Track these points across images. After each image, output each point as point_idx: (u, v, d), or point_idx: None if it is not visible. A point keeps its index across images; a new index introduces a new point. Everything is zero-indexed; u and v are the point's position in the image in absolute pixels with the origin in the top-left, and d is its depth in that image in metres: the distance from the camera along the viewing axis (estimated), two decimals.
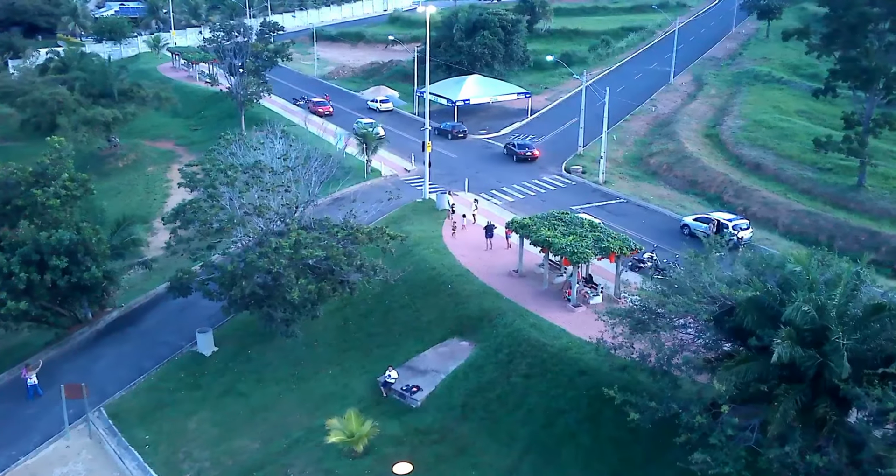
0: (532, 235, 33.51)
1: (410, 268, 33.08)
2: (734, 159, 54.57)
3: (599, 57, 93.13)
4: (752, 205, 45.69)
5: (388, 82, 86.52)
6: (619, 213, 45.39)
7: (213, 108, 76.79)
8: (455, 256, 37.97)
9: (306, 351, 33.24)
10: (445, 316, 33.18)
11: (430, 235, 40.90)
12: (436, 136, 63.30)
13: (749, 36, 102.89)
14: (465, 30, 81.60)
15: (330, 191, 49.68)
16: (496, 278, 35.35)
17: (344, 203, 45.78)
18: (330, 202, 48.18)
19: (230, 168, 29.89)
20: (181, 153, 67.66)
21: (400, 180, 52.63)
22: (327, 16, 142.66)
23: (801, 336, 21.02)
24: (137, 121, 72.27)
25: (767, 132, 57.90)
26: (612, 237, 32.72)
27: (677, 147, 56.27)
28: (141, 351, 33.65)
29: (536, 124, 67.39)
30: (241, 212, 29.38)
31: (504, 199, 48.04)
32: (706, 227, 40.30)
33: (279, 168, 31.02)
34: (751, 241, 39.88)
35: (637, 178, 52.73)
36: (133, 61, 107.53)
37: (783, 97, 70.05)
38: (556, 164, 55.43)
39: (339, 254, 29.09)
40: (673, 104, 72.55)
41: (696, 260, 24.30)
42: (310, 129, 66.89)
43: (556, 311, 32.05)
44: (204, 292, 29.68)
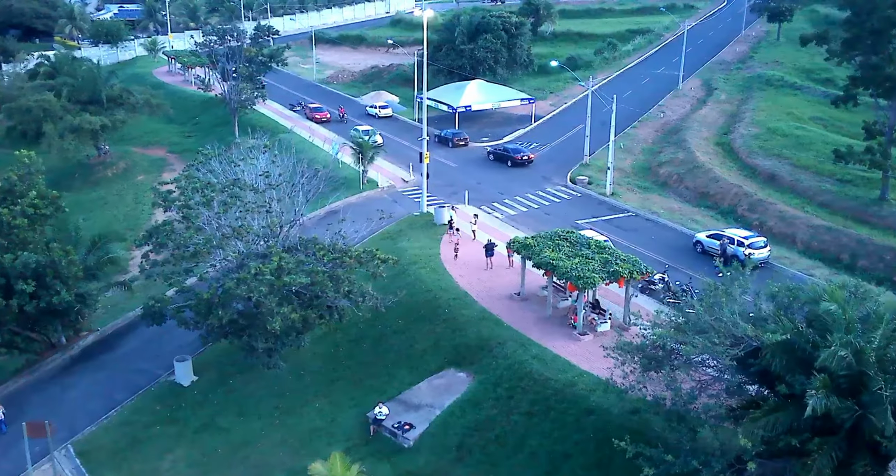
0: (535, 257, 31.14)
1: (403, 293, 30.71)
2: (747, 169, 52.10)
3: (605, 61, 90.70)
4: (769, 219, 43.21)
5: (388, 87, 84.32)
6: (628, 228, 43.00)
7: (208, 114, 74.69)
8: (453, 277, 35.63)
9: (292, 380, 30.95)
10: (441, 344, 30.83)
11: (427, 253, 38.56)
12: (436, 144, 61.08)
13: (759, 39, 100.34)
14: (467, 33, 79.29)
15: (323, 203, 47.53)
16: (496, 302, 32.99)
17: (336, 218, 43.62)
18: (323, 215, 45.98)
19: (207, 186, 27.63)
20: (173, 161, 65.52)
21: (397, 191, 50.34)
22: (328, 18, 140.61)
23: (837, 384, 18.67)
24: (129, 127, 70.25)
25: (782, 141, 55.42)
26: (621, 259, 30.33)
27: (687, 156, 53.83)
28: (115, 380, 31.42)
29: (540, 131, 65.03)
30: (219, 234, 27.11)
31: (506, 213, 45.68)
32: (717, 244, 37.89)
33: (262, 186, 28.71)
34: (768, 259, 37.42)
35: (646, 190, 50.32)
36: (129, 65, 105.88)
37: (797, 103, 67.54)
38: (561, 175, 53.06)
39: (324, 280, 26.78)
40: (682, 110, 70.10)
41: (715, 294, 21.86)
42: (303, 135, 64.92)
43: (561, 339, 29.67)
44: (179, 321, 27.41)
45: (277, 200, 28.63)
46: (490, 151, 57.04)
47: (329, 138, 63.28)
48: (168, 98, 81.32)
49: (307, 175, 32.28)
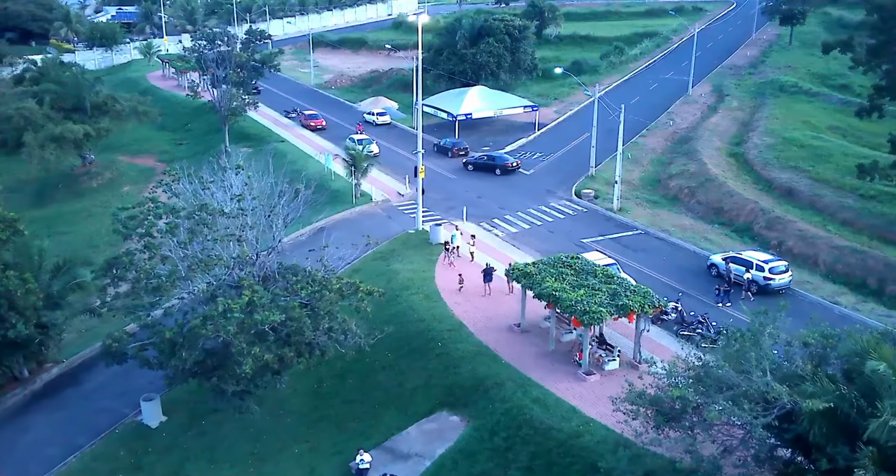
0: (536, 287, 28.39)
1: (390, 329, 27.95)
2: (763, 183, 49.25)
3: (612, 65, 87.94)
4: (788, 239, 40.37)
5: (387, 92, 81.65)
6: (636, 248, 40.19)
7: (200, 121, 72.12)
8: (448, 305, 32.88)
9: (270, 421, 28.23)
10: (433, 383, 28.09)
11: (421, 277, 35.83)
12: (434, 154, 58.41)
13: (770, 42, 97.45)
14: (468, 37, 76.60)
15: (312, 220, 44.89)
16: (494, 334, 30.23)
17: (327, 235, 40.85)
18: (312, 233, 43.35)
19: (172, 212, 24.99)
20: (161, 171, 62.95)
21: (392, 206, 47.62)
22: (329, 21, 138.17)
23: (888, 458, 15.96)
24: (118, 134, 67.76)
25: (799, 152, 52.55)
26: (630, 290, 27.55)
27: (699, 168, 50.99)
28: (77, 420, 28.76)
29: (544, 140, 62.25)
30: (186, 265, 24.45)
31: (507, 230, 42.90)
32: (738, 268, 35.03)
33: (234, 211, 26.05)
34: (790, 285, 34.57)
35: (655, 205, 47.50)
36: (123, 69, 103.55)
37: (813, 111, 64.64)
38: (565, 187, 50.26)
39: (301, 316, 24.09)
40: (692, 118, 67.26)
41: (742, 342, 19.06)
42: (296, 144, 62.30)
43: (565, 379, 26.90)
44: (141, 361, 24.76)
45: (251, 227, 25.91)
46: (470, 162, 54.44)
47: (323, 148, 60.74)
48: (160, 104, 78.98)
49: (287, 196, 29.50)
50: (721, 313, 32.37)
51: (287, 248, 34.87)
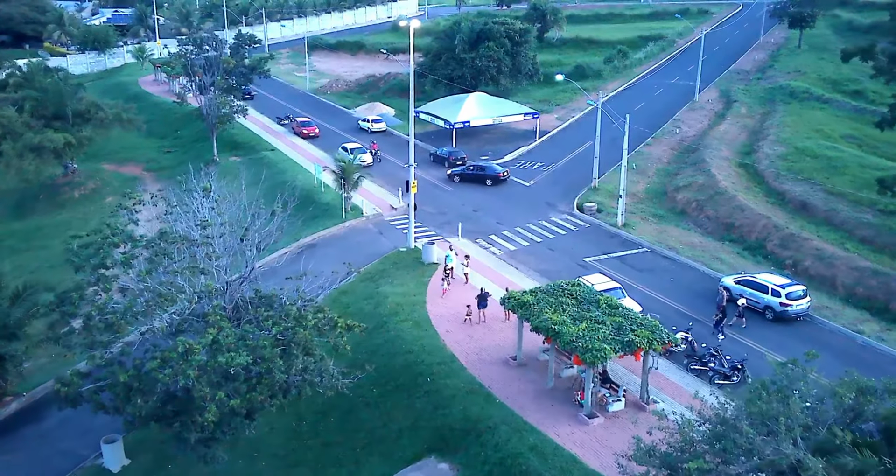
0: (533, 319, 25.96)
1: (372, 369, 25.49)
2: (775, 196, 46.71)
3: (616, 69, 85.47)
4: (804, 258, 37.84)
5: (384, 98, 79.32)
6: (642, 268, 37.72)
7: (190, 128, 69.75)
8: (439, 334, 30.44)
9: (243, 465, 25.84)
10: (421, 424, 25.66)
11: (411, 301, 33.40)
12: (430, 164, 56.06)
13: (779, 46, 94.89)
14: (468, 41, 74.15)
15: (298, 236, 42.53)
16: (488, 368, 27.80)
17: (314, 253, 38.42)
18: (298, 251, 40.95)
19: (130, 241, 22.63)
20: (147, 181, 60.66)
21: (384, 220, 45.20)
22: (328, 23, 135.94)
23: None
24: (105, 142, 65.52)
25: (812, 162, 50.02)
26: (637, 323, 25.09)
27: (708, 180, 48.49)
28: (32, 465, 26.37)
29: (545, 149, 59.81)
30: (144, 299, 22.08)
31: (504, 248, 40.45)
32: (752, 292, 32.56)
33: (200, 238, 23.66)
34: (808, 311, 32.08)
35: (662, 219, 45.01)
36: (116, 73, 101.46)
37: (825, 118, 62.08)
38: (567, 200, 47.79)
39: (272, 356, 21.66)
40: (699, 125, 64.77)
41: (769, 408, 16.52)
42: (287, 153, 59.93)
43: (565, 422, 24.46)
44: (95, 404, 22.36)
45: (218, 256, 23.46)
46: (456, 173, 51.97)
47: (315, 157, 58.39)
48: (149, 109, 76.90)
49: (263, 218, 27.08)
50: (736, 344, 29.91)
51: (271, 267, 32.55)
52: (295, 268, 38.02)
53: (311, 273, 26.08)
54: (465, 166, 52.95)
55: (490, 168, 51.84)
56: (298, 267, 38.42)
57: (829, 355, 29.17)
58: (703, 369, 27.73)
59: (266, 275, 30.35)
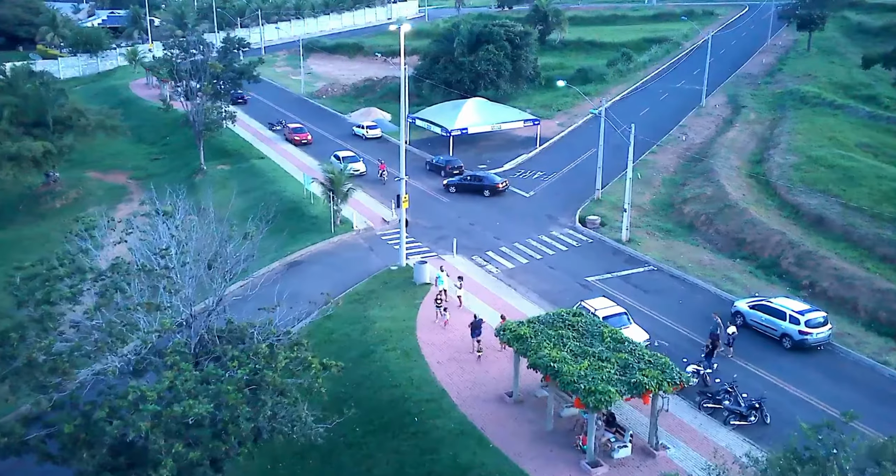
0: (531, 355, 23.59)
1: (352, 411, 23.09)
2: (788, 209, 44.27)
3: (619, 73, 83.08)
4: (822, 279, 35.41)
5: (380, 102, 76.95)
6: (649, 288, 35.30)
7: (180, 134, 67.45)
8: (429, 365, 28.11)
9: None
10: (407, 471, 23.29)
11: (401, 327, 31.05)
12: (426, 173, 53.73)
13: (787, 48, 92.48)
14: (466, 44, 71.84)
15: (284, 253, 40.24)
16: (481, 406, 25.44)
17: (300, 269, 36.16)
18: (284, 268, 38.67)
19: (77, 272, 20.30)
20: (133, 190, 58.48)
21: (375, 235, 42.83)
22: (326, 25, 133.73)
23: None
24: (91, 148, 63.39)
25: (827, 173, 47.56)
26: (646, 361, 22.72)
27: (717, 191, 46.08)
28: None
29: (546, 157, 57.41)
30: (93, 338, 19.73)
31: (502, 265, 38.05)
32: (768, 319, 30.16)
33: (159, 269, 21.31)
34: (829, 339, 29.65)
35: (668, 234, 42.59)
36: (108, 76, 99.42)
37: (838, 125, 59.58)
38: (568, 213, 45.40)
39: (237, 402, 19.31)
40: (707, 132, 62.35)
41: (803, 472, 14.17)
42: (277, 161, 57.58)
43: (565, 471, 22.10)
44: (40, 455, 19.98)
45: (174, 291, 21.08)
46: (451, 183, 49.62)
47: (307, 166, 56.07)
48: (139, 114, 74.82)
49: (235, 242, 24.66)
50: (751, 377, 27.51)
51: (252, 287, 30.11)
52: (277, 289, 35.95)
53: (286, 303, 23.65)
54: (461, 176, 50.58)
55: (488, 178, 49.50)
56: (282, 287, 36.27)
57: (853, 390, 26.88)
58: (718, 407, 25.32)
59: (241, 300, 28.05)
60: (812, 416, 25.28)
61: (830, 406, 25.72)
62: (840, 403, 25.84)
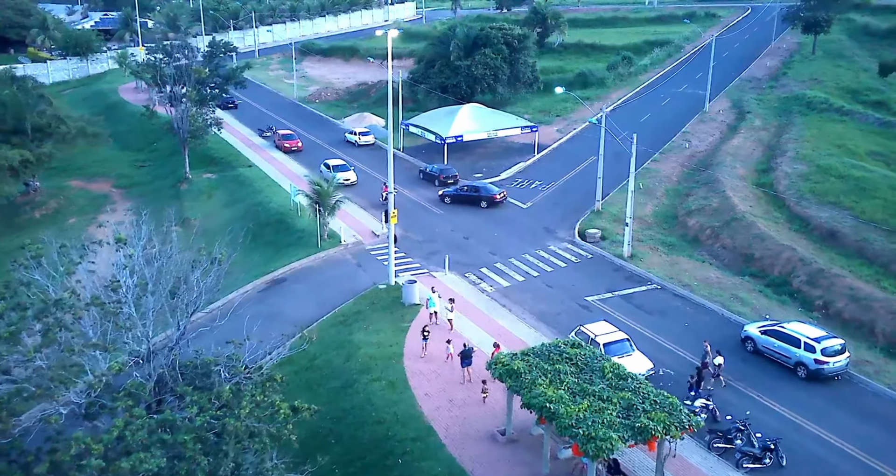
0: (524, 393, 21.55)
1: (325, 459, 20.98)
2: (798, 222, 42.20)
3: (620, 77, 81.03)
4: (836, 299, 33.35)
5: (374, 107, 74.88)
6: (652, 309, 33.23)
7: (167, 140, 65.20)
8: (416, 397, 26.05)
9: None
10: None
11: (387, 354, 28.98)
12: (419, 182, 51.75)
13: (791, 52, 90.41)
14: (463, 47, 69.87)
15: (267, 269, 38.22)
16: (472, 446, 23.36)
17: (281, 289, 34.05)
18: (266, 286, 36.63)
19: (16, 308, 18.25)
20: (116, 199, 56.53)
21: (364, 250, 40.75)
22: (322, 27, 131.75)
23: None
24: (76, 155, 61.35)
25: (838, 184, 45.50)
26: (651, 401, 20.65)
27: (722, 203, 44.02)
28: None
29: (544, 165, 55.35)
30: (34, 381, 17.67)
31: (496, 283, 35.99)
32: (781, 346, 28.10)
33: (110, 302, 19.27)
34: (847, 368, 27.58)
35: (672, 249, 40.51)
36: (98, 80, 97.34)
37: (848, 132, 57.51)
38: (567, 226, 43.33)
39: (194, 452, 17.26)
40: (710, 138, 60.31)
41: None
42: (266, 170, 55.51)
43: None
44: None
45: (125, 327, 19.02)
46: (447, 194, 47.46)
47: (296, 174, 54.04)
48: (126, 120, 72.86)
49: (202, 268, 22.52)
50: (765, 411, 25.45)
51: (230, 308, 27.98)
52: (257, 309, 33.85)
53: (263, 329, 21.53)
54: (457, 186, 48.48)
55: (485, 188, 47.38)
56: (262, 308, 34.32)
57: (875, 425, 24.83)
58: (729, 447, 23.25)
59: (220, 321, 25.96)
60: (831, 456, 23.31)
61: (851, 445, 23.74)
62: (861, 441, 23.89)
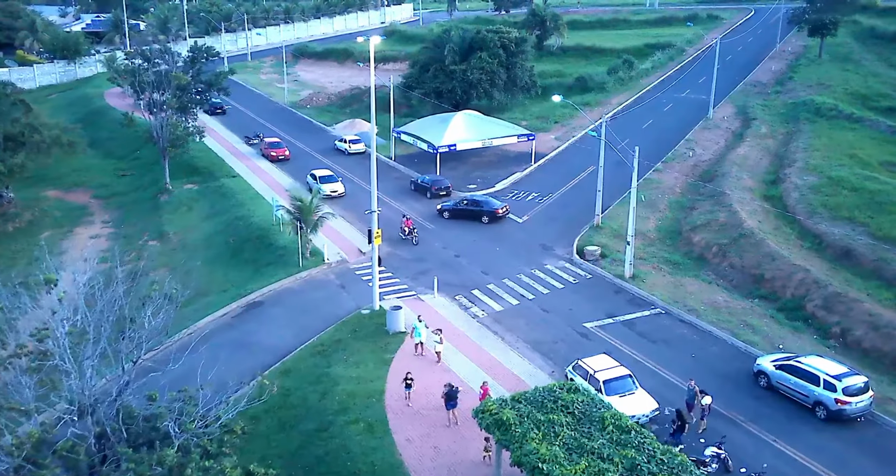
0: (514, 449, 19.12)
1: None
2: (810, 239, 39.76)
3: (621, 81, 78.60)
4: (854, 326, 30.93)
5: (367, 113, 72.06)
6: (656, 337, 30.79)
7: (151, 148, 62.76)
8: (396, 444, 23.62)
9: None
10: None
11: (367, 391, 26.54)
12: (410, 194, 49.37)
13: (797, 55, 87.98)
14: (458, 51, 67.47)
15: (248, 290, 35.82)
16: None
17: (258, 314, 31.45)
18: (239, 311, 34.19)
19: None
20: (94, 211, 54.17)
21: (349, 269, 38.33)
22: (317, 29, 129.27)
23: None
24: (55, 164, 58.92)
25: (851, 197, 43.06)
26: (657, 460, 18.23)
27: (730, 218, 41.60)
28: None
29: (542, 175, 52.89)
30: None
31: (488, 307, 33.55)
32: (798, 383, 25.67)
33: (37, 353, 16.89)
34: (870, 408, 25.13)
35: (676, 268, 38.07)
36: (85, 84, 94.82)
37: (859, 141, 55.05)
38: (565, 242, 40.88)
39: None
40: (715, 146, 57.87)
41: None
42: (250, 180, 53.06)
43: None
44: None
45: (50, 383, 16.62)
46: (446, 208, 44.71)
47: (282, 185, 51.63)
48: (110, 126, 70.45)
49: (154, 304, 20.07)
50: (780, 457, 23.02)
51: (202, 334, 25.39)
52: (229, 337, 31.47)
53: (211, 385, 19.07)
54: (456, 200, 45.65)
55: (487, 203, 44.39)
56: (235, 335, 31.88)
57: None
58: None
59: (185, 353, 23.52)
60: None
61: None
62: None
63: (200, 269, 41.25)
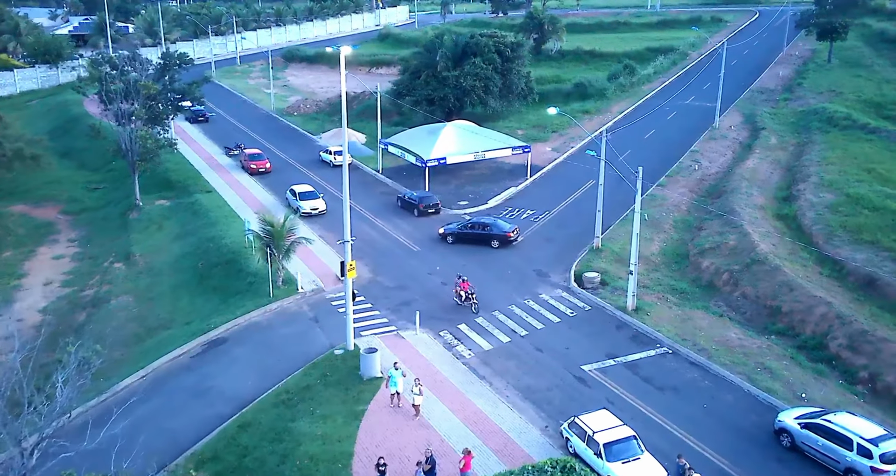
0: None
1: None
2: (829, 265, 36.44)
3: (621, 87, 75.42)
4: (885, 370, 27.63)
5: (357, 120, 69.04)
6: (662, 384, 27.43)
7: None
8: None
9: None
10: None
11: (333, 454, 23.18)
12: (397, 211, 46.07)
13: (805, 59, 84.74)
14: (451, 57, 64.31)
15: (210, 325, 32.46)
16: None
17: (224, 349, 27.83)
18: (199, 350, 30.83)
19: None
20: (61, 228, 50.91)
21: (324, 299, 34.96)
22: (310, 32, 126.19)
23: None
24: (25, 176, 55.73)
25: (872, 217, 39.76)
26: None
27: (741, 241, 38.29)
28: None
29: (537, 190, 49.62)
30: None
31: (476, 346, 30.21)
32: (827, 445, 22.33)
33: None
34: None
35: (684, 298, 34.76)
36: (65, 90, 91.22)
37: (876, 154, 51.72)
38: (562, 268, 37.54)
39: None
40: (722, 158, 54.61)
41: None
42: (226, 196, 49.69)
43: None
44: None
45: None
46: (449, 232, 40.66)
47: (260, 201, 48.38)
48: (85, 135, 66.98)
49: (73, 365, 16.83)
50: None
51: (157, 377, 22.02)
52: (185, 382, 28.17)
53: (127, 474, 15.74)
54: (461, 223, 41.45)
55: (496, 226, 40.13)
56: (191, 379, 28.62)
57: None
58: None
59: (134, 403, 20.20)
60: None
61: None
62: None
63: (165, 296, 38.01)
